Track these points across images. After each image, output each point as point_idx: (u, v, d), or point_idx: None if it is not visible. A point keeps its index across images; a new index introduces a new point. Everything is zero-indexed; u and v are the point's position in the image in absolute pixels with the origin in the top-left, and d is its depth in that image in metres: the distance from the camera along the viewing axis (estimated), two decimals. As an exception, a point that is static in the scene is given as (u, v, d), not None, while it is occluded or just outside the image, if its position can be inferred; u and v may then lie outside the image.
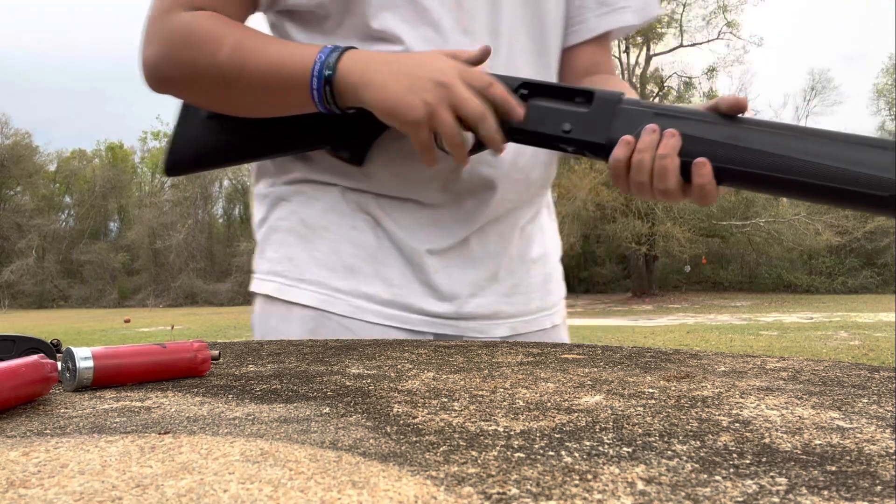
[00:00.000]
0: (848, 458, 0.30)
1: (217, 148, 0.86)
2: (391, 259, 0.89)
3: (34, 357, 0.44)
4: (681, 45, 26.50)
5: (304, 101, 0.77)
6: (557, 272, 1.03)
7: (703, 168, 0.67)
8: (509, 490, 0.26)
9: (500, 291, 0.93)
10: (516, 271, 0.95)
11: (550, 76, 0.94)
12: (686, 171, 0.69)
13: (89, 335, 13.51)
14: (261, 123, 0.84)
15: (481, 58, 0.76)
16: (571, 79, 0.98)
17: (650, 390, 0.46)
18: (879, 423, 0.37)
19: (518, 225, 0.95)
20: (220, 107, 0.84)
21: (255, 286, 0.93)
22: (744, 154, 0.67)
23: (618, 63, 26.75)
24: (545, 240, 1.00)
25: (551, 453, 0.31)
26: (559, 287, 1.03)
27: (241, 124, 0.84)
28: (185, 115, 0.87)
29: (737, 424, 0.37)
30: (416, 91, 0.72)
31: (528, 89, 0.75)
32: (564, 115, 0.74)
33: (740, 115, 0.68)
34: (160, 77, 0.82)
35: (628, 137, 0.70)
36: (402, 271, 0.88)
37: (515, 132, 0.75)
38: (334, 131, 0.83)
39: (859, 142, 0.64)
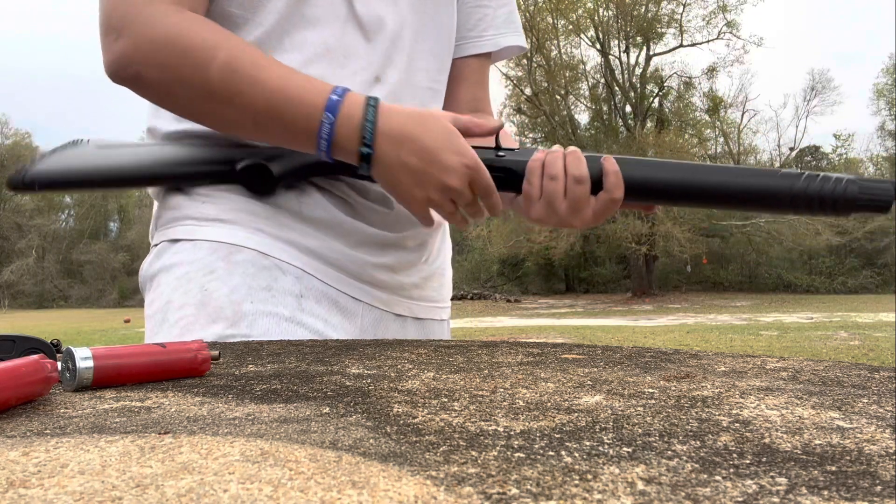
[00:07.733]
0: (848, 458, 0.30)
1: (97, 171, 0.81)
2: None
3: (34, 357, 0.44)
4: (681, 45, 26.50)
5: (302, 145, 0.76)
6: None
7: (609, 161, 0.75)
8: (509, 490, 0.26)
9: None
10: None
11: (443, 82, 0.97)
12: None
13: (89, 335, 13.51)
14: (156, 157, 0.82)
15: (493, 133, 0.79)
16: (454, 110, 1.00)
17: (650, 390, 0.46)
18: (879, 423, 0.37)
19: None
20: (199, 119, 0.80)
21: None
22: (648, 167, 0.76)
23: (618, 63, 26.80)
24: None
25: (551, 453, 0.31)
26: None
27: (134, 156, 0.82)
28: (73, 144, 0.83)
29: (737, 424, 0.37)
30: (424, 187, 0.74)
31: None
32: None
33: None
34: (131, 73, 0.76)
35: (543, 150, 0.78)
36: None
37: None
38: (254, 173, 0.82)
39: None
